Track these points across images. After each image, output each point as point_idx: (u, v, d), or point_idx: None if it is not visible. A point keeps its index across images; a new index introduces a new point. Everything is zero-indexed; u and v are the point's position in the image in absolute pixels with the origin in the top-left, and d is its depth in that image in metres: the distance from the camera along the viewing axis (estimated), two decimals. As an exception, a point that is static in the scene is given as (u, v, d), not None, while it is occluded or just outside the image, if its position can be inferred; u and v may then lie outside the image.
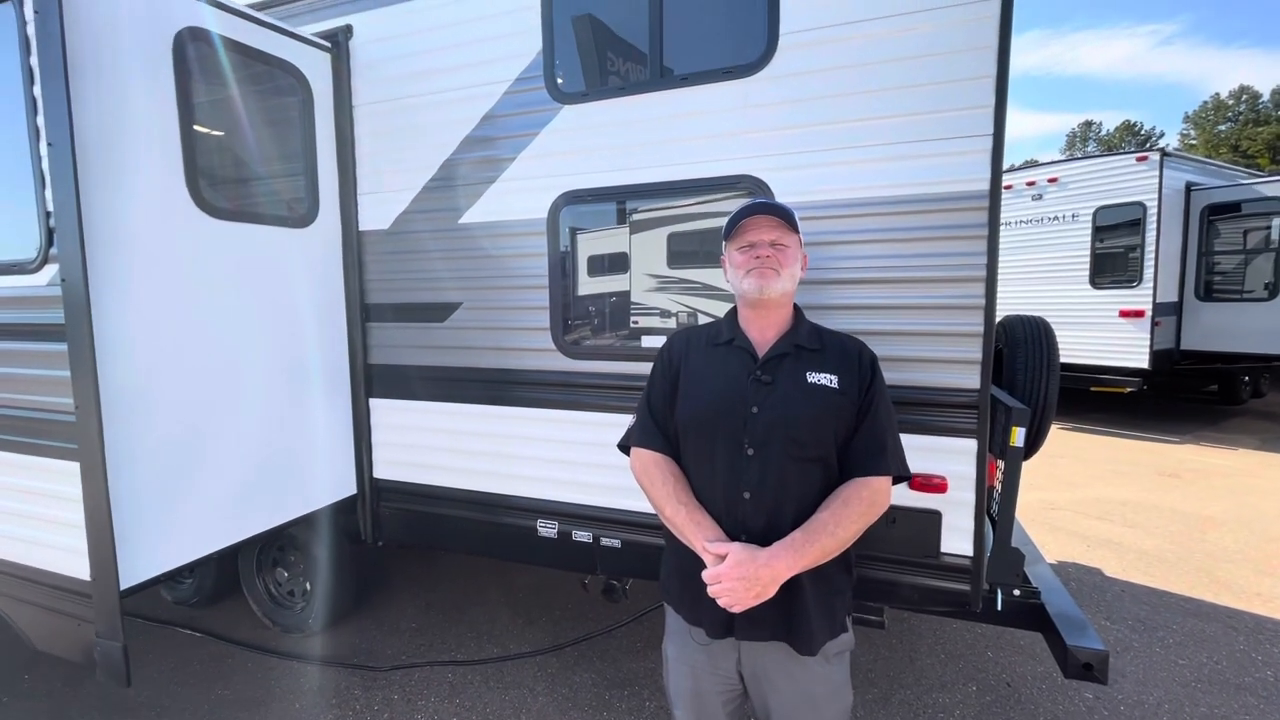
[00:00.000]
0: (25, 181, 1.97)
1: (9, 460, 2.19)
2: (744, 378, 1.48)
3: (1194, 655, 3.06)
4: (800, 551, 1.35)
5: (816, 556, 1.36)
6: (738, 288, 1.53)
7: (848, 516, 1.39)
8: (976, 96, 1.90)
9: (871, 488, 1.43)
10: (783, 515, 1.41)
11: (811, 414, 1.43)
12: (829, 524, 1.38)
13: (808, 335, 1.53)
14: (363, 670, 2.95)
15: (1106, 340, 7.58)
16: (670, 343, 1.66)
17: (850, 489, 1.42)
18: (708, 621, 1.47)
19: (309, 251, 2.71)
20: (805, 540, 1.36)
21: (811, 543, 1.36)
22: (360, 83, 2.77)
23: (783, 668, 1.47)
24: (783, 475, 1.42)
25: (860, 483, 1.43)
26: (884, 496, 1.45)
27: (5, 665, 3.06)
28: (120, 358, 2.01)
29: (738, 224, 1.52)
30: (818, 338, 1.54)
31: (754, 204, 1.56)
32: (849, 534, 1.40)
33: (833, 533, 1.37)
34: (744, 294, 1.52)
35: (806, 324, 1.57)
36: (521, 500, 2.69)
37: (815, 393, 1.44)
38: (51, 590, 2.16)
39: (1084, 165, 7.98)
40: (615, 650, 3.09)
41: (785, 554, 1.34)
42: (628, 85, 2.35)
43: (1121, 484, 5.73)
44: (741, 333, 1.55)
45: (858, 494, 1.41)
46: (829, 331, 1.58)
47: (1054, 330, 2.85)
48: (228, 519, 2.41)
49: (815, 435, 1.43)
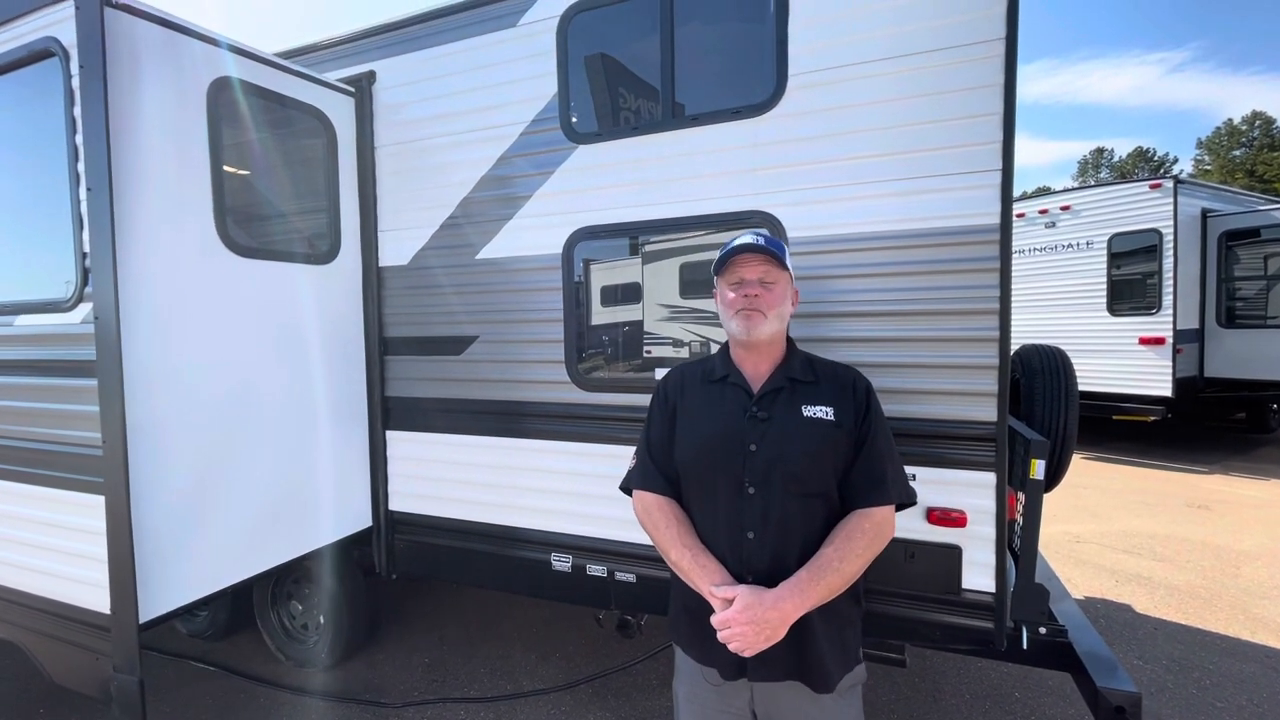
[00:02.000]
0: (63, 224, 2.06)
1: (33, 493, 2.23)
2: (740, 415, 1.47)
3: (1233, 697, 2.93)
4: (806, 592, 1.34)
5: (823, 594, 1.35)
6: (727, 327, 1.54)
7: (852, 551, 1.38)
8: (984, 133, 1.93)
9: (874, 519, 1.41)
10: (788, 553, 1.40)
11: (809, 449, 1.42)
12: (834, 560, 1.36)
13: (801, 367, 1.53)
14: (375, 706, 2.92)
15: (1127, 368, 7.46)
16: (665, 380, 1.65)
17: (853, 522, 1.41)
18: (720, 663, 1.44)
19: (330, 287, 2.78)
20: (811, 579, 1.35)
21: (817, 581, 1.35)
22: (382, 125, 2.87)
23: (797, 707, 1.45)
24: (785, 513, 1.41)
25: (863, 514, 1.42)
26: (888, 526, 1.44)
27: (22, 699, 3.06)
28: (148, 393, 2.06)
29: (727, 260, 1.52)
30: (811, 369, 1.54)
31: (743, 241, 1.52)
32: (855, 568, 1.38)
33: (838, 569, 1.36)
34: (733, 335, 1.53)
35: (799, 355, 1.57)
36: (536, 534, 2.68)
37: (811, 427, 1.43)
38: (71, 623, 2.18)
39: (1097, 193, 7.97)
40: (630, 688, 3.03)
41: (792, 595, 1.33)
42: (640, 125, 2.42)
43: (1149, 516, 5.57)
44: (735, 369, 1.55)
45: (860, 526, 1.40)
46: (821, 361, 1.58)
47: (1071, 359, 2.83)
48: (245, 552, 2.43)
49: (814, 471, 1.42)
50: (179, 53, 2.19)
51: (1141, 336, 7.34)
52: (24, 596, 2.30)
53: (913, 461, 2.08)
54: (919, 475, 2.08)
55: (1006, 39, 1.90)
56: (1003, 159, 1.91)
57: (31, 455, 2.24)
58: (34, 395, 2.23)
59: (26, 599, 2.29)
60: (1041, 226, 8.27)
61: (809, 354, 1.60)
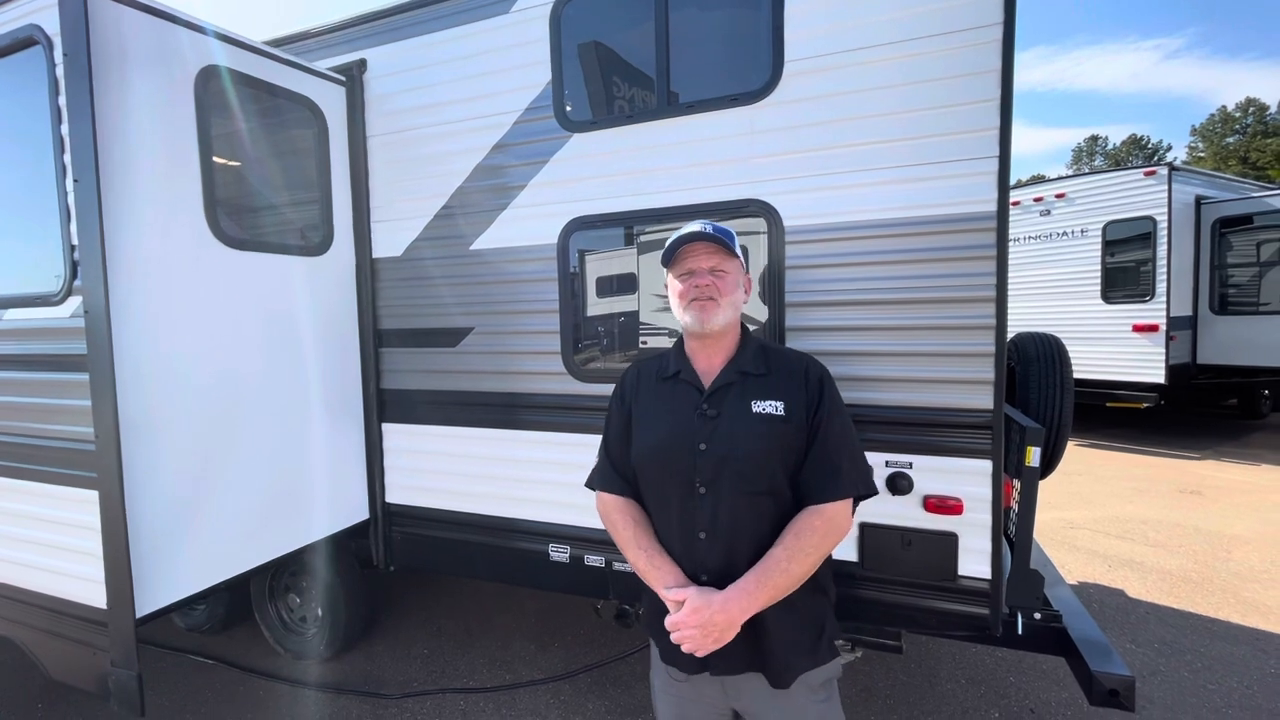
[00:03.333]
0: (51, 216, 2.03)
1: (27, 489, 2.22)
2: (690, 413, 1.44)
3: (1224, 680, 2.97)
4: (753, 594, 1.32)
5: (772, 595, 1.33)
6: (680, 319, 1.50)
7: (801, 550, 1.34)
8: (981, 120, 1.92)
9: (825, 515, 1.37)
10: (739, 553, 1.38)
11: (757, 448, 1.38)
12: (782, 561, 1.33)
13: (753, 359, 1.48)
14: (374, 698, 2.93)
15: (1121, 355, 7.51)
16: (623, 378, 1.63)
17: (803, 519, 1.37)
18: (680, 660, 1.44)
19: (323, 279, 2.76)
20: (758, 582, 1.32)
21: (764, 583, 1.32)
22: (373, 114, 2.84)
23: (766, 700, 1.44)
24: (735, 512, 1.38)
25: (813, 511, 1.37)
26: (842, 521, 1.39)
27: (20, 694, 3.06)
28: (140, 387, 2.04)
29: (675, 251, 1.48)
30: (764, 361, 1.48)
31: (690, 230, 1.47)
32: (804, 568, 1.35)
33: (786, 569, 1.32)
34: (686, 327, 1.49)
35: (753, 345, 1.51)
36: (533, 525, 2.68)
37: (760, 424, 1.39)
38: (67, 619, 2.17)
39: (1092, 181, 7.98)
40: (628, 676, 3.04)
41: (739, 598, 1.31)
42: (635, 113, 2.40)
43: (1142, 501, 5.62)
44: (688, 364, 1.52)
45: (810, 524, 1.36)
46: (777, 351, 1.53)
47: (1066, 347, 2.84)
48: (242, 545, 2.43)
49: (762, 469, 1.38)
50: (166, 41, 2.15)
51: (1135, 324, 7.37)
52: (19, 593, 2.29)
53: (909, 449, 2.09)
54: (915, 463, 2.09)
55: (1004, 24, 1.88)
56: (1000, 146, 1.90)
57: (24, 450, 2.22)
58: (25, 390, 2.21)
59: (22, 595, 2.28)
60: (1037, 214, 8.28)
61: (764, 343, 1.55)
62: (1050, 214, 8.16)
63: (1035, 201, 8.27)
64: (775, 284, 2.20)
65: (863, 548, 2.17)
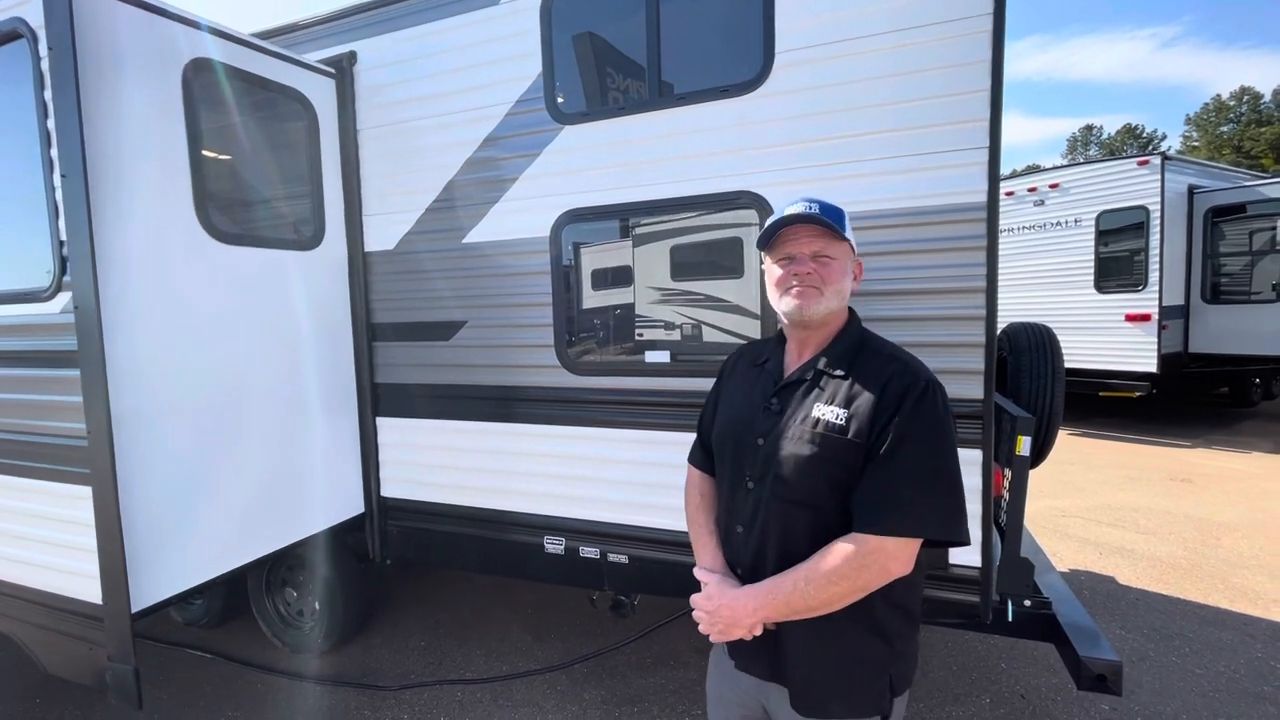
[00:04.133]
0: (39, 212, 2.02)
1: (21, 485, 2.21)
2: (760, 404, 1.36)
3: (1211, 664, 3.02)
4: (763, 600, 1.24)
5: (782, 608, 1.23)
6: (776, 306, 1.36)
7: (819, 573, 1.19)
8: (971, 110, 1.92)
9: (864, 547, 1.18)
10: (766, 557, 1.30)
11: (803, 455, 1.25)
12: (800, 578, 1.21)
13: (839, 357, 1.31)
14: (372, 690, 2.95)
15: (1113, 345, 7.55)
16: (728, 357, 1.59)
17: (838, 544, 1.20)
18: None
19: (315, 273, 2.75)
20: (769, 591, 1.24)
21: (775, 595, 1.23)
22: (364, 107, 2.82)
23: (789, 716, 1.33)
24: (770, 515, 1.29)
25: (853, 538, 1.19)
26: (887, 560, 1.18)
27: (18, 689, 3.07)
28: (132, 382, 2.04)
29: (775, 234, 1.34)
30: (849, 360, 1.30)
31: (792, 211, 1.31)
32: (825, 596, 1.19)
33: (802, 590, 1.20)
34: (784, 314, 1.36)
35: (847, 341, 1.34)
36: (528, 517, 2.69)
37: (814, 430, 1.25)
38: (63, 614, 2.18)
39: (1085, 170, 7.99)
40: (624, 667, 3.07)
41: (747, 600, 1.26)
42: (627, 105, 2.39)
43: (1133, 490, 5.68)
44: (779, 353, 1.42)
45: (842, 551, 1.19)
46: (874, 351, 1.32)
47: (1058, 336, 2.85)
48: (238, 540, 2.43)
49: (802, 479, 1.25)
50: (152, 33, 2.13)
51: (1128, 313, 7.41)
52: (15, 589, 2.29)
53: (901, 440, 2.10)
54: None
55: (994, 14, 1.88)
56: (990, 137, 1.91)
57: (17, 447, 2.22)
58: (16, 386, 2.20)
59: (17, 591, 2.28)
60: (1030, 204, 8.29)
61: (866, 340, 1.35)
62: (1044, 204, 8.18)
63: (1029, 191, 8.29)
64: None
65: (855, 537, 2.19)
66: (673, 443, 2.36)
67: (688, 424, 2.32)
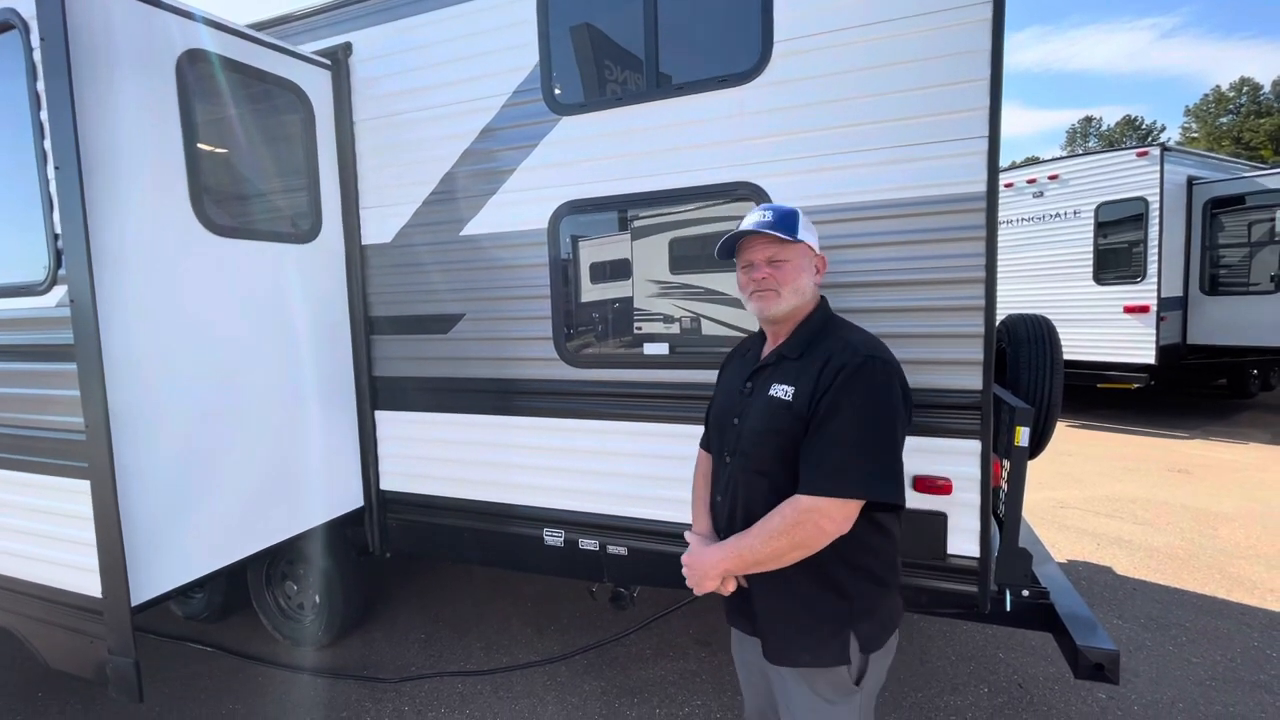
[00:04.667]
0: (33, 204, 2.00)
1: (19, 480, 2.21)
2: (739, 389, 1.55)
3: (1208, 653, 3.03)
4: (725, 554, 1.42)
5: (743, 561, 1.39)
6: (748, 308, 1.54)
7: (767, 531, 1.35)
8: (971, 99, 1.91)
9: (798, 506, 1.31)
10: (736, 521, 1.48)
11: (759, 428, 1.43)
12: (754, 534, 1.38)
13: (798, 343, 1.46)
14: (372, 682, 2.96)
15: (1112, 336, 7.56)
16: (729, 352, 1.77)
17: (783, 504, 1.35)
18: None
19: (313, 267, 2.74)
20: (732, 545, 1.42)
21: (735, 549, 1.40)
22: (360, 99, 2.80)
23: (768, 668, 1.51)
24: (737, 484, 1.48)
25: (792, 500, 1.34)
26: (819, 518, 1.30)
27: (19, 682, 3.08)
28: (129, 376, 2.03)
29: (734, 246, 1.53)
30: (806, 344, 1.45)
31: (743, 227, 1.48)
32: (769, 549, 1.34)
33: (750, 544, 1.37)
34: (754, 314, 1.54)
35: (808, 328, 1.48)
36: (527, 510, 2.69)
37: (769, 406, 1.42)
38: (63, 608, 2.18)
39: (1085, 161, 7.97)
40: (624, 658, 3.08)
41: (713, 552, 1.44)
42: (624, 95, 2.38)
43: (1131, 481, 5.69)
44: (759, 345, 1.60)
45: (781, 511, 1.34)
46: (833, 336, 1.44)
47: (1057, 328, 2.85)
48: (237, 534, 2.43)
49: (759, 450, 1.43)
50: (145, 24, 2.11)
51: (1126, 305, 7.41)
52: (15, 583, 2.29)
53: (899, 431, 2.10)
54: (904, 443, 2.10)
55: (994, 3, 1.87)
56: (989, 126, 1.90)
57: (15, 441, 2.21)
58: (14, 381, 2.20)
59: (18, 585, 2.28)
60: (1030, 196, 8.28)
61: (827, 325, 1.48)
62: (1043, 195, 8.16)
63: (1029, 183, 8.27)
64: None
65: (853, 528, 2.19)
66: (672, 435, 2.36)
67: (686, 416, 2.34)
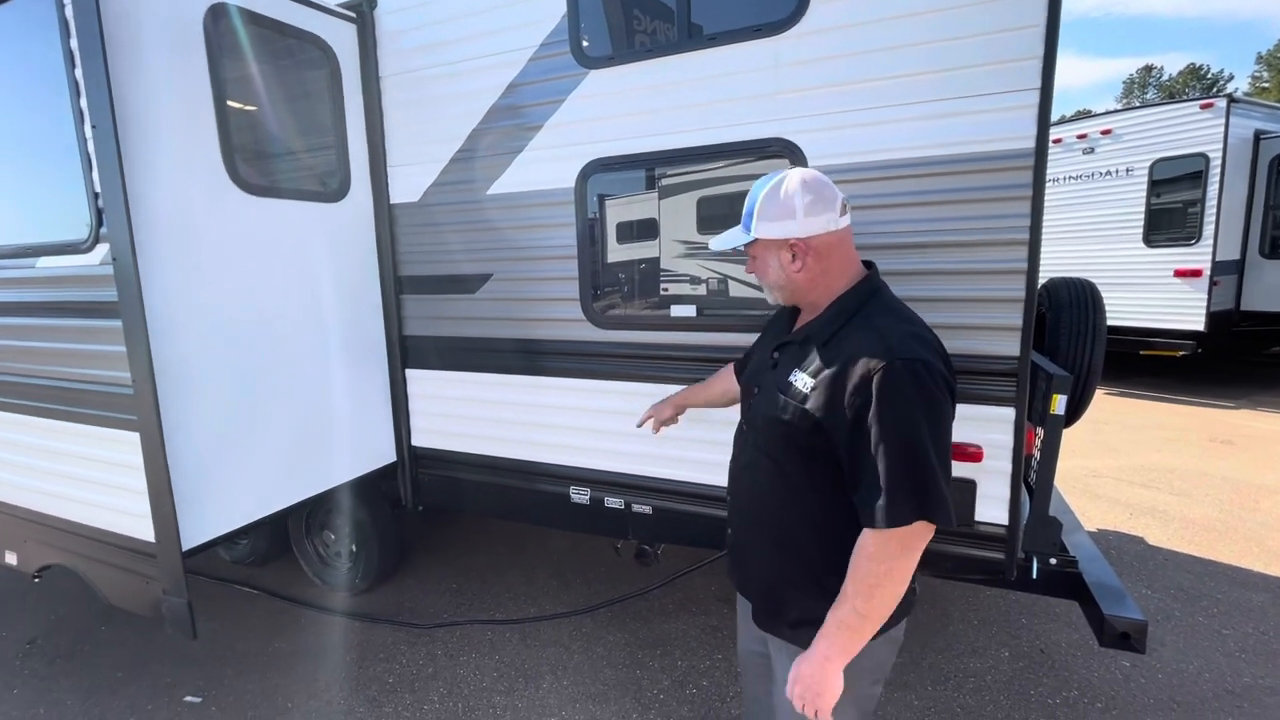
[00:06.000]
0: (74, 163, 2.04)
1: (77, 430, 2.32)
2: (768, 357, 1.45)
3: (1239, 625, 2.99)
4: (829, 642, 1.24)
5: (856, 633, 1.23)
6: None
7: (863, 587, 1.21)
8: (1024, 47, 1.80)
9: (878, 542, 1.20)
10: (740, 494, 1.49)
11: (771, 413, 1.34)
12: (849, 595, 1.23)
13: (825, 324, 1.33)
14: (408, 627, 3.11)
15: (1159, 301, 7.23)
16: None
17: (856, 557, 1.23)
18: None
19: (342, 225, 2.76)
20: (832, 629, 1.24)
21: (837, 626, 1.24)
22: (386, 53, 2.76)
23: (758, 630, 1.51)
24: (748, 456, 1.46)
25: (861, 543, 1.23)
26: (909, 543, 1.20)
27: (84, 617, 3.31)
28: (171, 333, 2.10)
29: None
30: (834, 329, 1.31)
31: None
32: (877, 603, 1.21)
33: (856, 611, 1.22)
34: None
35: (840, 307, 1.33)
36: (554, 468, 2.74)
37: (784, 393, 1.32)
38: (121, 551, 2.31)
39: (1141, 115, 7.49)
40: (648, 611, 3.17)
41: (815, 656, 1.25)
42: (654, 47, 2.29)
43: (1170, 451, 5.54)
44: (795, 314, 1.50)
45: (859, 562, 1.22)
46: (863, 323, 1.29)
47: (1100, 293, 2.74)
48: (277, 486, 2.54)
49: (769, 431, 1.37)
50: (171, -22, 2.09)
51: (1177, 269, 7.06)
52: (78, 527, 2.43)
53: (930, 397, 2.06)
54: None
55: (1054, -60, 1.73)
56: (1042, 77, 1.78)
57: (72, 394, 2.31)
58: (67, 336, 2.28)
59: (80, 529, 2.43)
60: (1079, 152, 7.85)
61: (868, 306, 1.33)
62: (1094, 152, 7.73)
63: (1079, 139, 7.83)
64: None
65: (879, 493, 2.18)
66: (698, 397, 2.36)
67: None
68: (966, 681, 2.65)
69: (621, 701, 2.59)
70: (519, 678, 2.74)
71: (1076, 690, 2.59)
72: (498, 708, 2.57)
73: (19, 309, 2.39)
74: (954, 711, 2.49)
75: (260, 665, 2.89)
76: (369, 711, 2.57)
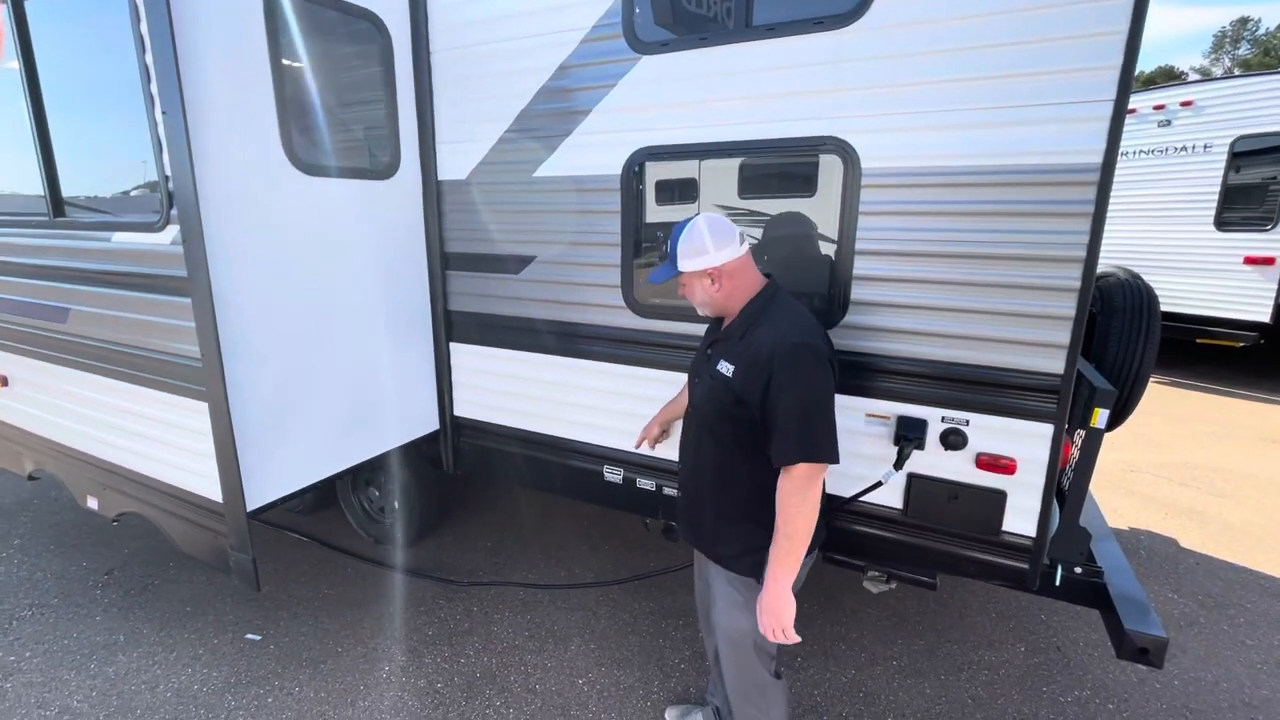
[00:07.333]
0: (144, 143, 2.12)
1: (154, 396, 2.49)
2: (705, 351, 1.91)
3: (1265, 636, 2.98)
4: (771, 576, 1.69)
5: (787, 560, 1.67)
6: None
7: (785, 518, 1.66)
8: (1102, 56, 1.71)
9: (792, 477, 1.65)
10: (686, 462, 1.96)
11: (707, 395, 1.80)
12: (779, 532, 1.68)
13: (740, 325, 1.76)
14: (445, 583, 3.31)
15: (1223, 289, 6.87)
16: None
17: (779, 493, 1.68)
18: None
19: (392, 202, 2.81)
20: (772, 564, 1.69)
21: (774, 560, 1.68)
22: (437, 28, 2.74)
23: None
24: (690, 432, 1.94)
25: (783, 480, 1.67)
26: (812, 478, 1.64)
27: (155, 555, 3.61)
28: (236, 309, 2.22)
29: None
30: (746, 328, 1.74)
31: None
32: (797, 528, 1.64)
33: (781, 544, 1.67)
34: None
35: (748, 314, 1.76)
36: (589, 446, 2.84)
37: (714, 376, 1.77)
38: (192, 506, 2.51)
39: (1228, 86, 6.94)
40: (673, 583, 3.31)
41: (767, 590, 1.71)
42: (711, 36, 2.23)
43: (1216, 448, 5.38)
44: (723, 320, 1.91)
45: (781, 498, 1.67)
46: (768, 323, 1.71)
47: (1157, 298, 2.64)
48: (333, 451, 2.70)
49: (706, 408, 1.82)
50: (231, -44, 2.11)
51: (1248, 255, 6.67)
52: (153, 481, 2.64)
53: (967, 407, 2.07)
54: (972, 420, 2.07)
55: (1147, -61, 1.62)
56: (1118, 89, 1.70)
57: (145, 361, 2.47)
58: (142, 308, 2.41)
59: (155, 483, 2.63)
60: (1154, 125, 7.34)
61: (767, 312, 1.74)
62: (1170, 124, 7.23)
63: (1155, 109, 7.32)
64: (847, 230, 2.11)
65: (908, 496, 2.22)
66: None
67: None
68: (980, 673, 2.73)
69: (646, 668, 2.75)
70: (549, 638, 2.92)
71: (1089, 690, 2.65)
72: (529, 665, 2.76)
73: (98, 278, 2.53)
74: (964, 702, 2.58)
75: (313, 609, 3.13)
76: (410, 661, 2.79)
